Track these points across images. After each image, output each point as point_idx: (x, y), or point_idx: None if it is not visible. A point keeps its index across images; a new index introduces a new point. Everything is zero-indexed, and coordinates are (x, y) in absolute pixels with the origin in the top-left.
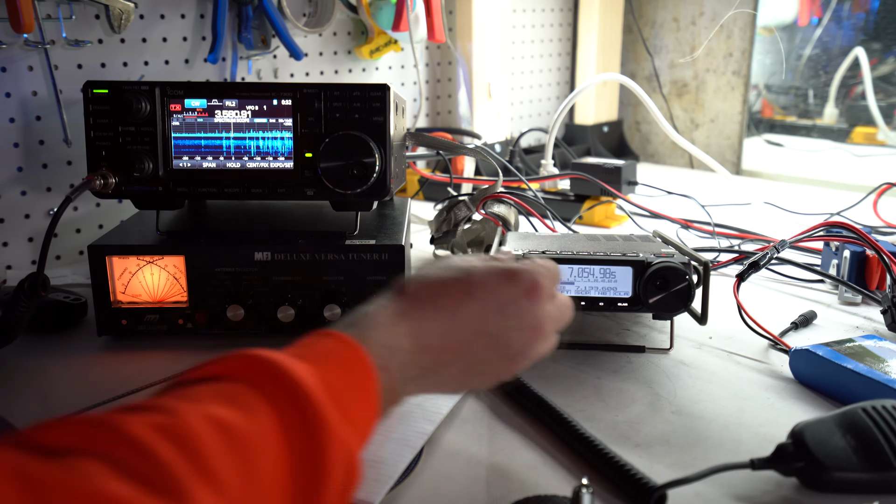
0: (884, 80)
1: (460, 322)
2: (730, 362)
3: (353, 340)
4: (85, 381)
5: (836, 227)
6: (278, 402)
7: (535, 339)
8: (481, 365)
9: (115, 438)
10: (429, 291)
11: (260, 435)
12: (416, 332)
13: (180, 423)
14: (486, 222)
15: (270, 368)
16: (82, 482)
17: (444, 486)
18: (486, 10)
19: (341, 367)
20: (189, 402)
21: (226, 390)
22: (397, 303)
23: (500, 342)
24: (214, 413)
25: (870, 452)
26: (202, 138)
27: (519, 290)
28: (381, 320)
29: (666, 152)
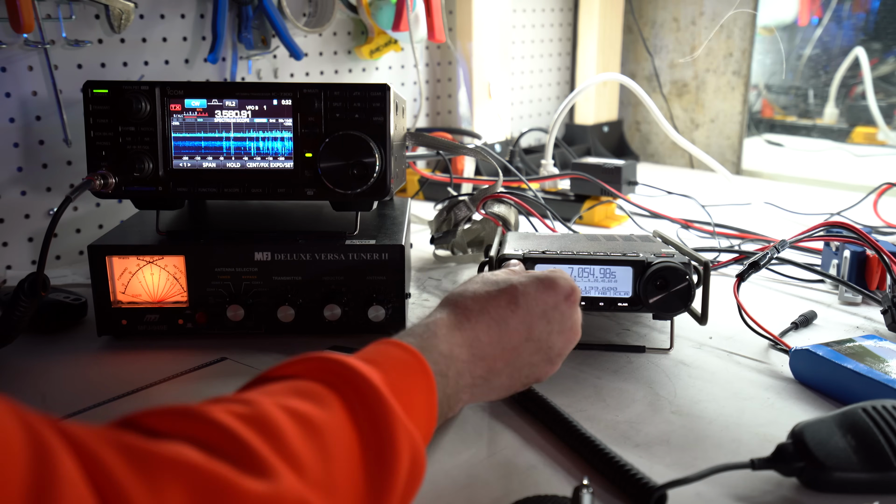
0: (884, 80)
1: (510, 331)
2: (730, 362)
3: (414, 349)
4: (85, 381)
5: (837, 227)
6: (347, 396)
7: (573, 340)
8: (527, 368)
9: (204, 424)
10: (479, 303)
11: (333, 424)
12: (471, 343)
13: (259, 411)
14: (486, 222)
15: (340, 368)
16: (181, 458)
17: (445, 485)
18: (486, 10)
19: (404, 371)
20: (265, 395)
21: (298, 386)
22: (452, 315)
23: (544, 346)
24: (290, 404)
25: (870, 452)
26: (202, 138)
27: (560, 296)
28: (439, 331)
29: (666, 152)
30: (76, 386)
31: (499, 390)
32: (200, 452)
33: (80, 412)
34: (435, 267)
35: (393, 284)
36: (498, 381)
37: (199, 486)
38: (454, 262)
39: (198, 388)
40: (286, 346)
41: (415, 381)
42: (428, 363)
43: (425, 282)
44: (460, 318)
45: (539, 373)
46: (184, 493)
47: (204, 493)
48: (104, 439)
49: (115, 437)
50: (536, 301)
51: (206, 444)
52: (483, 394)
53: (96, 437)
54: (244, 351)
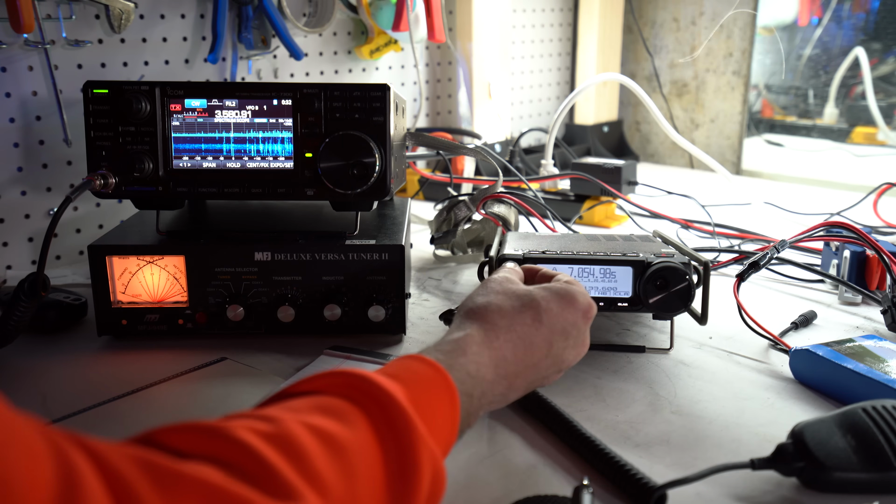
0: (884, 80)
1: (534, 349)
2: (730, 362)
3: (440, 366)
4: (85, 381)
5: (836, 227)
6: (372, 413)
7: (582, 352)
8: (540, 381)
9: (227, 443)
10: (507, 320)
11: (356, 442)
12: (498, 362)
13: (283, 430)
14: (486, 222)
15: (364, 384)
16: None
17: None
18: (486, 10)
19: (428, 388)
20: (289, 411)
21: (322, 403)
22: (482, 331)
23: (558, 359)
24: (313, 422)
25: (870, 452)
26: (202, 138)
27: (579, 313)
28: (469, 349)
29: (666, 152)
30: (76, 386)
31: (511, 400)
32: (224, 474)
33: (80, 412)
34: (435, 267)
35: (393, 284)
36: (513, 395)
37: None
38: (454, 262)
39: (198, 388)
40: (286, 346)
41: (439, 398)
42: (454, 381)
43: (425, 282)
44: (490, 336)
45: (548, 381)
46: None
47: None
48: (129, 458)
49: (139, 455)
50: (558, 318)
51: (229, 465)
52: (497, 406)
53: (121, 455)
54: (244, 351)
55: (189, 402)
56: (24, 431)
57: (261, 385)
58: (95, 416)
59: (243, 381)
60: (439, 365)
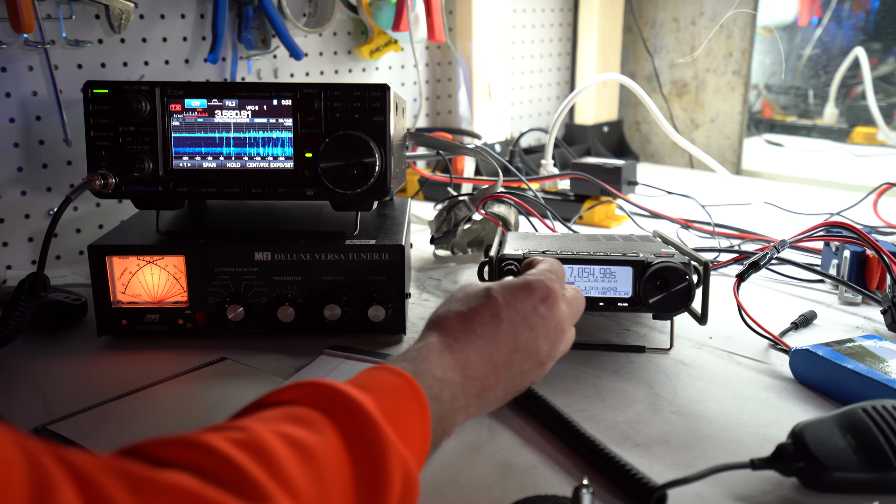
0: (884, 80)
1: (498, 345)
2: (730, 362)
3: (406, 373)
4: (85, 381)
5: (836, 227)
6: (341, 421)
7: (561, 339)
8: (519, 377)
9: (201, 452)
10: (465, 323)
11: (326, 449)
12: (463, 364)
13: (254, 437)
14: (486, 222)
15: (332, 394)
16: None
17: (445, 485)
18: (486, 10)
19: (397, 396)
20: (260, 421)
21: (292, 412)
22: (440, 339)
23: (532, 352)
24: (284, 430)
25: (870, 452)
26: (202, 138)
27: (536, 300)
28: (430, 356)
29: (666, 152)
30: (76, 386)
31: (494, 403)
32: (198, 480)
33: (80, 412)
34: (435, 267)
35: (393, 284)
36: (492, 396)
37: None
38: (454, 262)
39: (198, 388)
40: (286, 346)
41: (408, 405)
42: (421, 387)
43: (425, 282)
44: (449, 341)
45: (531, 378)
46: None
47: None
48: (105, 468)
49: (114, 464)
50: (516, 309)
51: (204, 472)
52: (478, 410)
53: (97, 465)
54: (244, 351)
55: (189, 402)
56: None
57: (261, 385)
58: (95, 416)
59: (243, 381)
60: (405, 373)
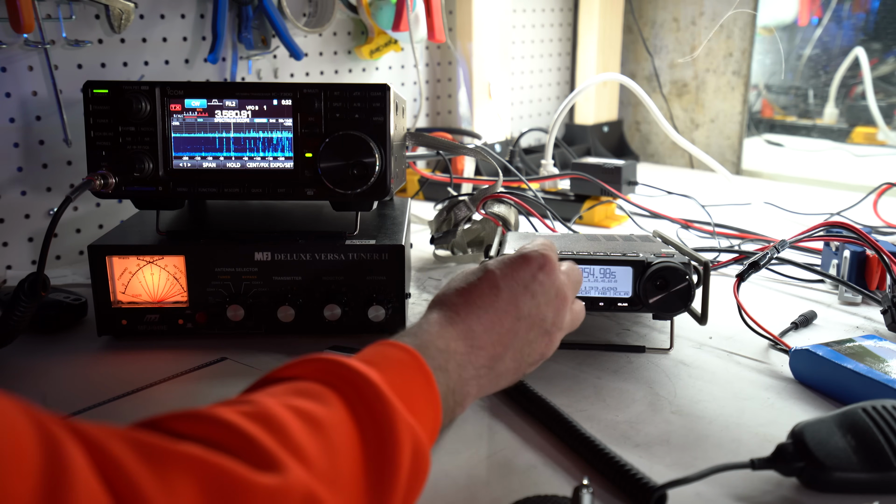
0: (884, 80)
1: (500, 314)
2: (730, 362)
3: (410, 347)
4: (85, 381)
5: (836, 227)
6: (347, 395)
7: (564, 306)
8: (527, 347)
9: (212, 424)
10: (464, 296)
11: (334, 420)
12: (466, 334)
13: (263, 409)
14: (486, 222)
15: (339, 368)
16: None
17: (444, 485)
18: (486, 10)
19: (401, 370)
20: (268, 396)
21: (300, 387)
22: (440, 314)
23: (536, 320)
24: (292, 402)
25: (870, 452)
26: (202, 138)
27: (535, 267)
28: (432, 329)
29: (666, 152)
30: (76, 386)
31: (507, 375)
32: (210, 450)
33: (80, 412)
34: (435, 267)
35: (393, 284)
36: (503, 367)
37: (211, 479)
38: (454, 262)
39: (198, 388)
40: (286, 346)
41: (413, 378)
42: (425, 360)
43: (425, 282)
44: (450, 314)
45: (541, 348)
46: (195, 486)
47: (215, 487)
48: (116, 436)
49: (128, 434)
50: (514, 279)
51: (215, 442)
52: (491, 382)
53: (108, 434)
54: (244, 351)
55: (189, 402)
56: (7, 410)
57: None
58: (95, 416)
59: (243, 381)
60: (409, 347)
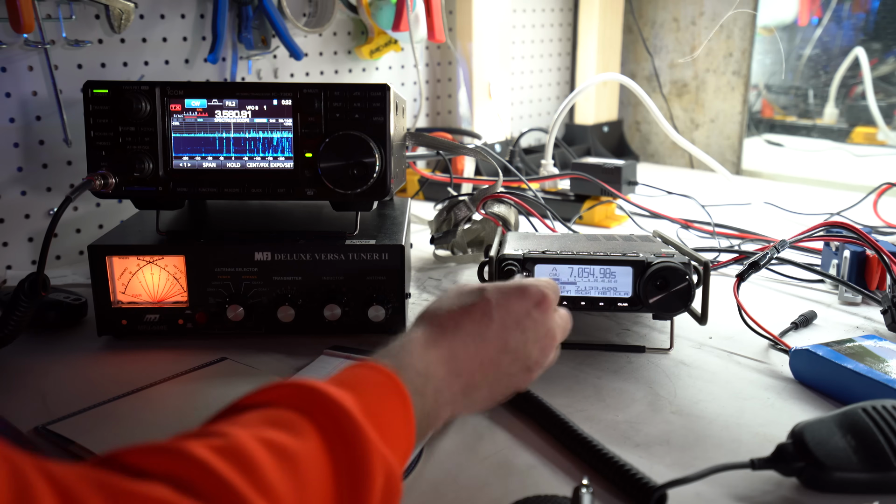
0: (884, 80)
1: (486, 343)
2: (730, 362)
3: (388, 370)
4: (85, 381)
5: (836, 227)
6: (321, 422)
7: (550, 348)
8: (505, 379)
9: (182, 461)
10: (454, 319)
11: (307, 452)
12: (448, 359)
13: (234, 443)
14: (486, 222)
15: (312, 394)
16: (156, 497)
17: (444, 486)
18: (486, 10)
19: (378, 394)
20: (240, 426)
21: (272, 415)
22: (427, 332)
23: (521, 356)
24: (264, 435)
25: (870, 452)
26: (202, 138)
27: (530, 303)
28: (414, 350)
29: (666, 152)
30: (76, 386)
31: (481, 403)
32: (177, 491)
33: (80, 412)
34: (435, 267)
35: (393, 284)
36: (478, 395)
37: None
38: (454, 262)
39: (198, 388)
40: (286, 346)
41: (390, 402)
42: (403, 383)
43: (425, 282)
44: (436, 335)
45: (518, 382)
46: None
47: None
48: (85, 479)
49: (95, 476)
50: (509, 311)
51: (183, 482)
52: (465, 408)
53: (77, 476)
54: (244, 351)
55: (189, 402)
56: None
57: (261, 385)
58: (95, 416)
59: (243, 381)
60: (387, 369)
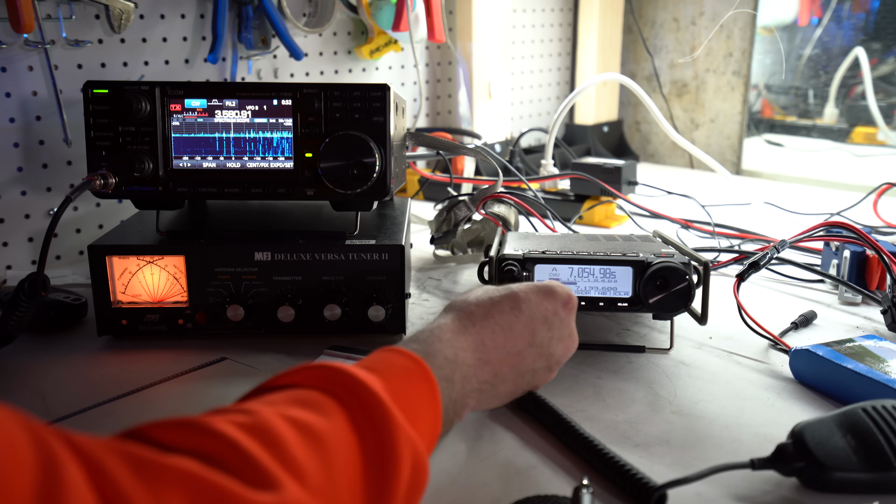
0: (884, 80)
1: (515, 335)
2: (730, 362)
3: (416, 355)
4: (85, 381)
5: (836, 227)
6: (349, 404)
7: (571, 349)
8: (529, 375)
9: (208, 436)
10: (484, 308)
11: (333, 432)
12: (477, 347)
13: (260, 420)
14: (486, 222)
15: (340, 376)
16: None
17: (445, 486)
18: (486, 10)
19: (406, 378)
20: (266, 405)
21: (299, 395)
22: (456, 319)
23: (545, 352)
24: (290, 413)
25: (870, 452)
26: (202, 138)
27: (559, 303)
28: (444, 336)
29: (666, 152)
30: (76, 386)
31: (503, 396)
32: (205, 465)
33: (80, 412)
34: (435, 267)
35: (393, 284)
36: (503, 387)
37: (204, 497)
38: (454, 262)
39: (198, 388)
40: (286, 346)
41: (417, 387)
42: (431, 369)
43: (425, 282)
44: (465, 323)
45: (539, 379)
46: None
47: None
48: (111, 450)
49: (121, 447)
50: (538, 307)
51: (210, 457)
52: (488, 400)
53: (103, 447)
54: (244, 351)
55: (189, 402)
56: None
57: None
58: (95, 416)
59: (243, 381)
60: (415, 355)
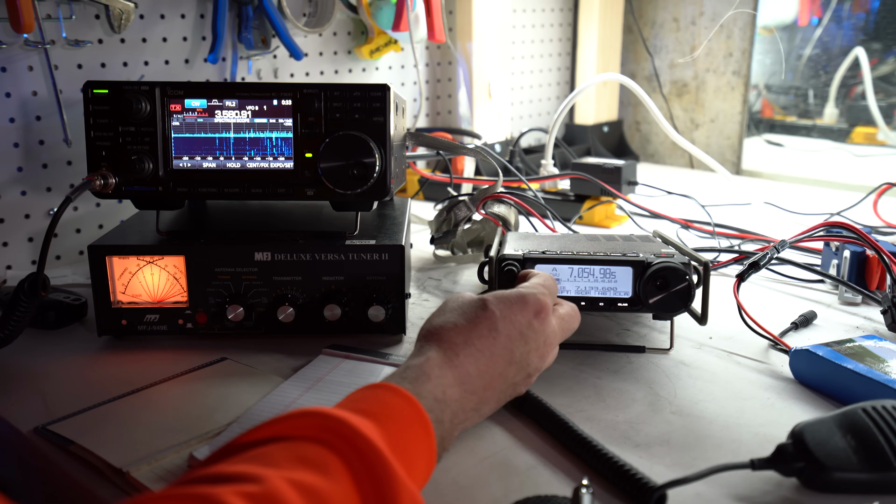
0: (884, 80)
1: (495, 358)
2: (730, 362)
3: (410, 395)
4: (85, 381)
5: (836, 227)
6: (350, 460)
7: (547, 354)
8: (510, 388)
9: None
10: (463, 336)
11: (338, 495)
12: (463, 380)
13: (271, 490)
14: (486, 222)
15: (338, 427)
16: None
17: (445, 485)
18: (486, 10)
19: (403, 425)
20: (270, 467)
21: (301, 451)
22: (440, 353)
23: (524, 364)
24: (298, 478)
25: (870, 452)
26: (202, 138)
27: (530, 314)
28: (432, 373)
29: (666, 152)
30: (76, 386)
31: (485, 415)
32: None
33: (80, 412)
34: (435, 267)
35: (393, 284)
36: (487, 408)
37: None
38: (454, 262)
39: (198, 388)
40: (286, 346)
41: (414, 432)
42: (425, 412)
43: (425, 282)
44: (449, 356)
45: (518, 389)
46: None
47: None
48: None
49: None
50: (512, 323)
51: None
52: (472, 422)
53: None
54: (244, 351)
55: (189, 402)
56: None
57: (261, 385)
58: (95, 416)
59: (243, 381)
60: (409, 394)
